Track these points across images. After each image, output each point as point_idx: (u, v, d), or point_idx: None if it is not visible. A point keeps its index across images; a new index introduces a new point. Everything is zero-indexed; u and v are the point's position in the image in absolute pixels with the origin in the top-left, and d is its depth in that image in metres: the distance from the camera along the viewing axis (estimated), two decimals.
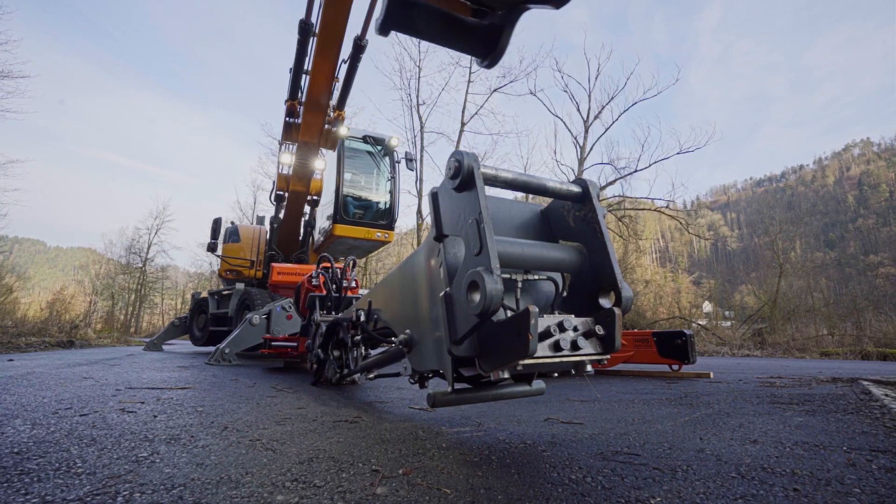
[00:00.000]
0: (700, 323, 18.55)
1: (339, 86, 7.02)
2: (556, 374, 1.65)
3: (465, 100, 21.55)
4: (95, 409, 2.33)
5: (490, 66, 1.78)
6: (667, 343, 4.79)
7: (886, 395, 2.98)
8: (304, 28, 5.97)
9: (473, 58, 1.81)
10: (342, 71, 6.64)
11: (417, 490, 1.23)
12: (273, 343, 4.95)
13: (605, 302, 1.64)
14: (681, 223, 21.36)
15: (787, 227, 26.49)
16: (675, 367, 4.87)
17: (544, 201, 2.01)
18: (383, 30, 1.52)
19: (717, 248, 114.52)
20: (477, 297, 1.32)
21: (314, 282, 4.41)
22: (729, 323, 19.82)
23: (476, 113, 21.82)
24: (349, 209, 8.46)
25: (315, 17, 5.83)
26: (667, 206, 20.12)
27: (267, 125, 46.29)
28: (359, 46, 6.52)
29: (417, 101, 21.80)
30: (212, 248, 9.40)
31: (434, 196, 1.66)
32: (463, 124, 21.49)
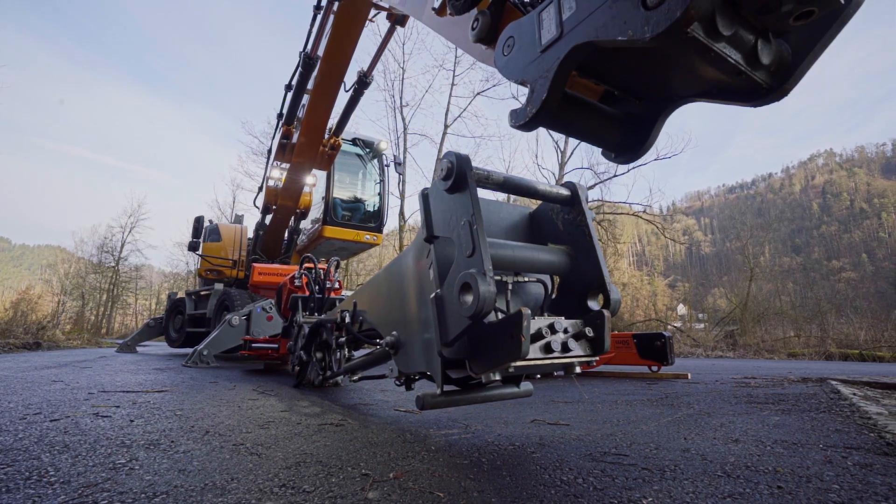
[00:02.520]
0: (675, 325, 19.03)
1: (338, 112, 6.91)
2: (538, 376, 1.65)
3: (449, 102, 21.63)
4: (67, 414, 2.23)
5: (628, 161, 1.52)
6: (646, 345, 4.88)
7: (854, 395, 3.11)
8: (308, 62, 5.87)
9: (606, 151, 1.53)
10: (342, 98, 6.54)
11: (410, 494, 1.21)
12: (253, 345, 4.84)
13: (594, 304, 1.66)
14: (657, 227, 21.88)
15: (758, 232, 27.50)
16: (655, 368, 4.97)
17: (527, 202, 2.01)
18: (530, 126, 1.27)
19: (692, 253, 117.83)
20: (469, 298, 1.32)
21: (297, 282, 4.34)
22: (702, 325, 20.38)
23: (459, 116, 21.94)
24: (338, 211, 8.39)
25: (319, 51, 5.73)
26: (644, 211, 20.60)
27: (248, 123, 45.43)
28: (363, 82, 6.47)
29: (401, 103, 21.77)
30: (194, 247, 9.16)
31: (425, 196, 1.65)
32: (446, 126, 21.56)
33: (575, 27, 1.09)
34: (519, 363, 1.36)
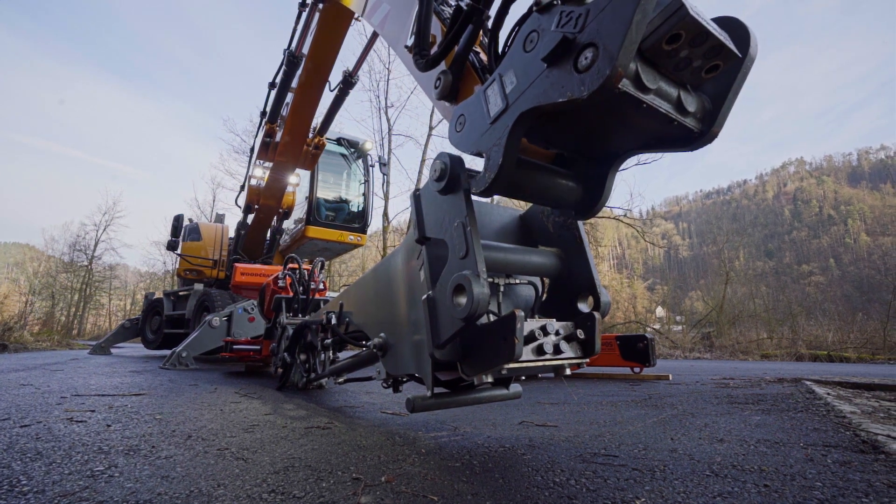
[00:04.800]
0: (654, 327, 19.41)
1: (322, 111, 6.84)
2: (523, 377, 1.65)
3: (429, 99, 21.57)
4: (38, 420, 2.13)
5: (585, 219, 1.64)
6: (629, 346, 4.95)
7: (828, 394, 3.22)
8: (292, 60, 5.81)
9: (566, 210, 1.64)
10: (327, 97, 6.48)
11: (403, 498, 1.20)
12: (235, 346, 4.73)
13: (584, 307, 1.67)
14: (637, 231, 22.26)
15: (733, 237, 28.31)
16: (637, 369, 5.05)
17: (510, 202, 2.03)
18: (489, 192, 1.36)
19: (670, 256, 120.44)
20: (463, 300, 1.31)
21: (280, 283, 4.26)
22: (680, 327, 20.81)
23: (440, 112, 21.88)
24: (322, 211, 8.31)
25: (304, 49, 5.67)
26: (624, 215, 20.93)
27: (229, 120, 44.39)
28: (348, 81, 6.43)
29: (386, 104, 21.63)
30: (172, 246, 8.93)
31: (417, 198, 1.63)
32: (431, 128, 21.48)
33: (519, 97, 1.23)
34: (512, 365, 1.36)
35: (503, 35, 1.65)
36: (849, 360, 10.42)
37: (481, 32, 1.92)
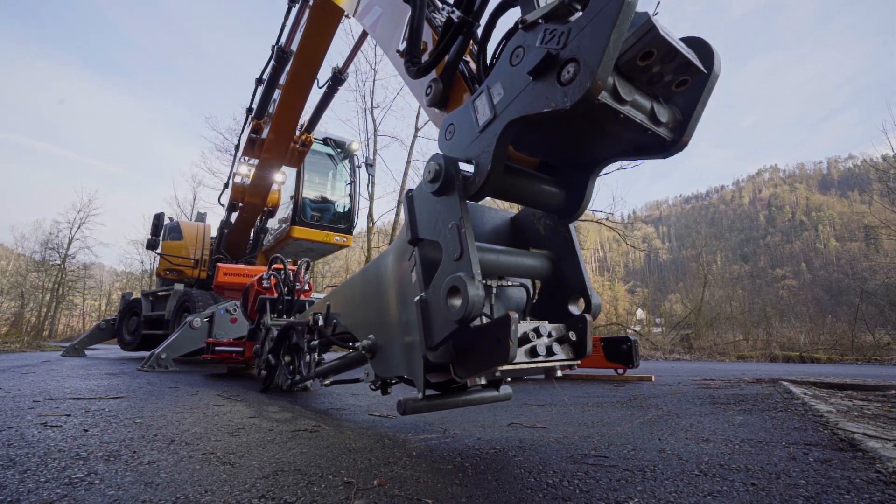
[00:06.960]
0: (634, 329, 19.75)
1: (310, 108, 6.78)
2: (509, 379, 1.69)
3: (420, 105, 21.54)
4: (10, 425, 2.04)
5: (568, 223, 1.71)
6: (613, 348, 4.99)
7: (805, 394, 3.32)
8: (281, 56, 5.76)
9: (550, 214, 1.73)
10: (315, 94, 6.42)
11: (397, 502, 1.18)
12: (216, 348, 4.62)
13: (574, 308, 1.68)
14: (619, 235, 22.60)
15: (711, 241, 28.99)
16: (621, 370, 5.12)
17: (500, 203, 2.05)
18: (479, 196, 1.45)
19: (651, 259, 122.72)
20: (458, 302, 1.30)
21: (265, 283, 4.19)
22: (659, 329, 21.20)
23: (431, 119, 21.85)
24: (307, 211, 8.22)
25: (293, 45, 5.61)
26: (606, 219, 21.25)
27: (212, 118, 43.61)
28: (337, 78, 6.39)
29: (372, 104, 21.51)
30: (152, 245, 8.70)
31: (410, 199, 1.63)
32: (417, 129, 21.45)
33: (506, 107, 1.32)
34: (506, 367, 1.36)
35: (491, 46, 1.74)
36: (820, 360, 10.79)
37: (471, 42, 1.98)
